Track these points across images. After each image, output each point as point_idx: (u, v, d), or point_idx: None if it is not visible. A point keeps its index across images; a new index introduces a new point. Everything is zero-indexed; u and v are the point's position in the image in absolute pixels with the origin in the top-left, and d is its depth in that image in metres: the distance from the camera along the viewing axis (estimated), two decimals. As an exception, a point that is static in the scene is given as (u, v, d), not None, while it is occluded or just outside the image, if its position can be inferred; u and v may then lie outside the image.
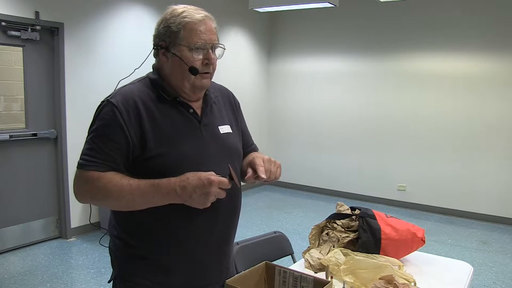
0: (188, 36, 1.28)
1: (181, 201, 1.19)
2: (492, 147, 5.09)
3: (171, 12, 1.31)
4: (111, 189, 1.19)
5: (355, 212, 2.03)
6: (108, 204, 1.27)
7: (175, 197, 1.19)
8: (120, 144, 1.23)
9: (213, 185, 1.16)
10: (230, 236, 1.44)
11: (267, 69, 6.85)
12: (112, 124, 1.23)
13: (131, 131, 1.23)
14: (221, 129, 1.40)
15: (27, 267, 3.63)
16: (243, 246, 2.11)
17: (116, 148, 1.23)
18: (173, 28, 1.28)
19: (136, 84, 1.34)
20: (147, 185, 1.19)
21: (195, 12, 1.31)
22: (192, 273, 1.34)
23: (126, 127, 1.23)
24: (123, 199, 1.20)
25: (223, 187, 1.18)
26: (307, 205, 5.84)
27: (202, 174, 1.17)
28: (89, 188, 1.22)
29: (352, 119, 6.08)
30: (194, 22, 1.28)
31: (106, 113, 1.24)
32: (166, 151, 1.25)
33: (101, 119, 1.25)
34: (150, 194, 1.19)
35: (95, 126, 1.26)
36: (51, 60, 4.12)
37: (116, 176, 1.21)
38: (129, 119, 1.24)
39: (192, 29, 1.28)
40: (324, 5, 4.45)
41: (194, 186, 1.16)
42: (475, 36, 5.07)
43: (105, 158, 1.22)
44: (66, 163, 4.20)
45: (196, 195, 1.17)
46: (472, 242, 4.52)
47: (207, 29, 1.30)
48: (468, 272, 1.90)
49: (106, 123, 1.24)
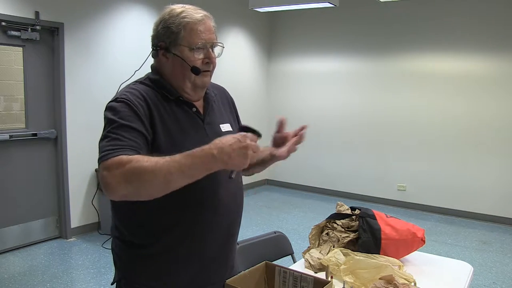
0: (189, 36, 1.28)
1: (220, 165, 1.09)
2: (492, 147, 5.09)
3: (170, 12, 1.31)
4: (146, 166, 1.05)
5: (355, 212, 2.03)
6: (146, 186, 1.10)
7: (213, 162, 1.08)
8: (141, 133, 1.19)
9: (247, 138, 1.10)
10: (234, 234, 1.44)
11: (267, 69, 6.85)
12: (131, 115, 1.19)
13: (146, 124, 1.21)
14: (223, 127, 1.41)
15: (27, 267, 3.63)
16: (243, 246, 2.10)
17: (138, 136, 1.18)
18: (173, 28, 1.28)
19: (138, 85, 1.33)
20: (181, 156, 1.09)
21: (194, 12, 1.30)
22: (198, 271, 1.34)
23: (139, 115, 1.20)
24: (160, 175, 1.07)
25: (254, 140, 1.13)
26: (307, 205, 5.84)
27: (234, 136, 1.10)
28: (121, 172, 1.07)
29: (352, 119, 6.08)
30: (194, 22, 1.28)
31: (121, 106, 1.20)
32: (174, 150, 1.24)
33: (116, 113, 1.19)
34: (186, 164, 1.08)
35: (108, 122, 1.19)
36: (51, 60, 4.12)
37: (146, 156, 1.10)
38: (144, 113, 1.22)
39: (192, 29, 1.28)
40: (324, 5, 4.45)
41: (230, 144, 1.08)
42: (475, 36, 5.07)
43: (130, 144, 1.14)
44: (66, 163, 4.20)
45: (235, 153, 1.08)
46: (472, 242, 4.52)
47: (206, 28, 1.30)
48: (468, 272, 1.90)
49: (123, 114, 1.18)
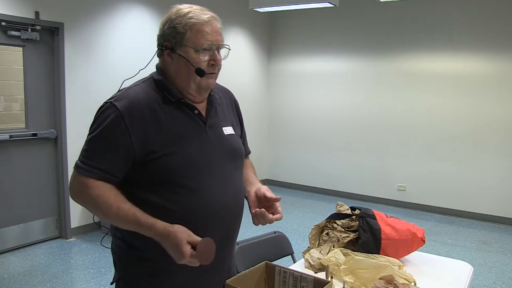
0: (195, 38, 1.26)
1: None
2: (492, 147, 5.09)
3: (176, 12, 1.29)
4: (101, 205, 1.20)
5: (355, 212, 2.03)
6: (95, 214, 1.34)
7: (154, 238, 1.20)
8: (119, 150, 1.22)
9: (184, 258, 1.15)
10: (233, 237, 1.44)
11: (267, 69, 6.85)
12: (113, 128, 1.22)
13: (132, 137, 1.22)
14: (225, 130, 1.40)
15: (27, 267, 3.62)
16: (243, 246, 2.11)
17: (115, 153, 1.22)
18: (179, 29, 1.27)
19: (141, 85, 1.32)
20: (132, 219, 1.19)
21: (201, 12, 1.29)
22: (195, 274, 1.33)
23: (128, 133, 1.21)
24: (107, 217, 1.23)
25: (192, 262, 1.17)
26: (307, 205, 5.84)
27: (181, 247, 1.14)
28: (81, 194, 1.24)
29: (352, 119, 6.08)
30: (200, 23, 1.26)
31: (108, 116, 1.22)
32: (172, 152, 1.24)
33: (102, 121, 1.23)
34: (132, 227, 1.21)
35: (96, 128, 1.24)
36: (51, 60, 4.12)
37: (109, 192, 1.22)
38: (131, 124, 1.22)
39: (198, 30, 1.26)
40: (324, 5, 4.45)
41: (168, 248, 1.17)
42: (475, 36, 5.07)
43: (101, 162, 1.21)
44: (66, 163, 4.20)
45: (170, 253, 1.17)
46: (472, 242, 4.52)
47: (213, 30, 1.28)
48: (468, 272, 1.90)
49: (107, 126, 1.22)
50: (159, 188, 1.24)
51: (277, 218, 1.35)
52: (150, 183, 1.24)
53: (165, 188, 1.24)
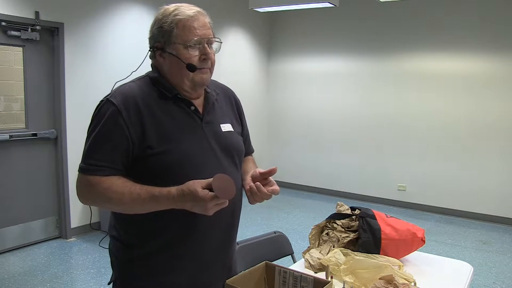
0: (182, 33, 1.27)
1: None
2: (492, 147, 5.09)
3: (163, 12, 1.31)
4: (112, 196, 1.20)
5: (355, 212, 2.03)
6: (109, 208, 1.30)
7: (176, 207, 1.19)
8: (120, 144, 1.22)
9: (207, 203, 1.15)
10: (232, 235, 1.44)
11: (267, 69, 6.85)
12: (111, 124, 1.23)
13: (131, 130, 1.23)
14: (223, 127, 1.40)
15: (27, 267, 3.62)
16: (243, 246, 2.10)
17: (116, 147, 1.22)
18: (166, 27, 1.28)
19: (137, 82, 1.33)
20: (147, 196, 1.19)
21: (186, 9, 1.30)
22: (194, 273, 1.34)
23: (126, 126, 1.22)
24: (123, 206, 1.22)
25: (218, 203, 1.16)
26: (307, 205, 5.84)
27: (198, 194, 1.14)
28: (90, 193, 1.23)
29: (352, 119, 6.08)
30: (186, 19, 1.28)
31: (105, 112, 1.24)
32: (168, 149, 1.25)
33: (100, 118, 1.24)
34: (149, 205, 1.20)
35: (94, 126, 1.25)
36: (51, 60, 4.12)
37: (117, 181, 1.21)
38: (129, 118, 1.23)
39: (185, 25, 1.27)
40: (324, 5, 4.45)
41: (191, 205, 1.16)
42: (475, 36, 5.07)
43: (104, 159, 1.22)
44: (66, 163, 4.20)
45: (196, 210, 1.17)
46: (472, 242, 4.52)
47: (200, 24, 1.29)
48: (468, 272, 1.90)
49: (105, 122, 1.23)
50: (156, 185, 1.24)
51: (273, 190, 1.30)
52: (147, 180, 1.24)
53: (163, 185, 1.23)
